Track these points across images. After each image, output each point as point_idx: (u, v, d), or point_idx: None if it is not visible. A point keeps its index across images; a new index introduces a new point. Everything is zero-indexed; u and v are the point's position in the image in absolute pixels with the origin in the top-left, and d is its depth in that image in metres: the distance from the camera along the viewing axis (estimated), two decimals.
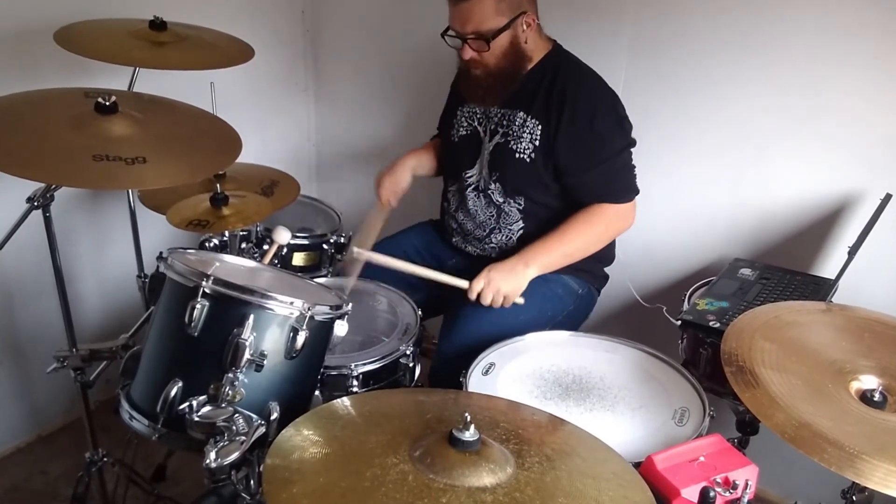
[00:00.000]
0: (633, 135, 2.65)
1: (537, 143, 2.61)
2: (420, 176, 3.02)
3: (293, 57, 4.03)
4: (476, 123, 2.80)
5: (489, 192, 2.75)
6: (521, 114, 2.64)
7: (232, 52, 2.64)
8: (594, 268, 2.87)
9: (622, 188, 2.63)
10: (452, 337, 2.59)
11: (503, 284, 2.52)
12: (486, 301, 2.53)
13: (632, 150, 2.64)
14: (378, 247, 2.97)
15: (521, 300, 2.58)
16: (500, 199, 2.73)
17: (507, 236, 2.77)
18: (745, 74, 2.76)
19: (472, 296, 2.53)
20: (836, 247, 2.70)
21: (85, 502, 2.52)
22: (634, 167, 2.65)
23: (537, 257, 2.59)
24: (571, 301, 2.77)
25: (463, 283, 2.56)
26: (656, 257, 3.16)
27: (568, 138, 2.57)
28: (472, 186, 2.80)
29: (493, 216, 2.77)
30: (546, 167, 2.63)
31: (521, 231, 2.75)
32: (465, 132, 2.84)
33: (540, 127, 2.61)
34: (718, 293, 2.47)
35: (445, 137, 2.99)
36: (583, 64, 2.67)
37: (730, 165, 2.89)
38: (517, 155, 2.65)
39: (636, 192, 2.66)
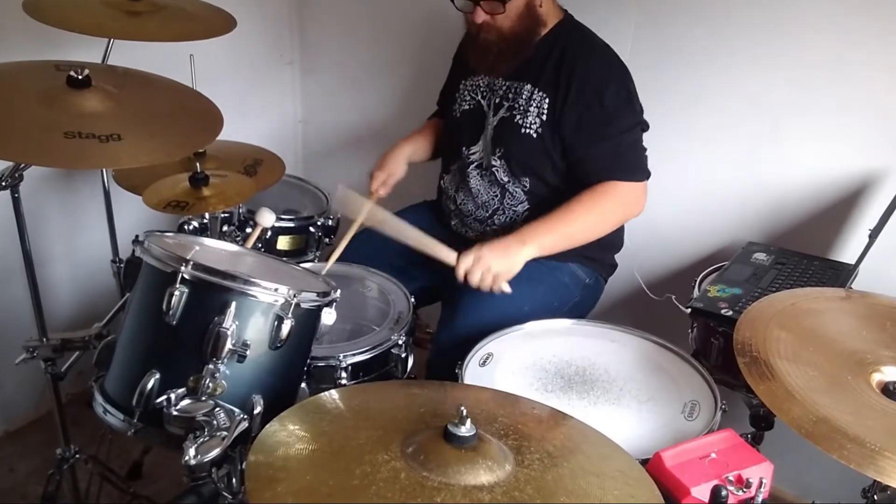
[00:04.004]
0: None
1: (544, 117, 2.61)
2: (417, 162, 3.01)
3: (278, 28, 4.02)
4: (480, 97, 2.79)
5: (493, 169, 2.74)
6: (528, 86, 2.64)
7: (212, 23, 2.62)
8: (603, 255, 2.86)
9: (631, 166, 2.60)
10: (450, 327, 2.58)
11: (494, 263, 2.42)
12: (474, 280, 2.43)
13: (643, 131, 2.63)
14: (367, 231, 2.97)
15: (507, 288, 2.48)
16: (505, 178, 2.72)
17: (510, 218, 2.76)
18: (759, 46, 2.75)
19: (460, 272, 2.45)
20: (857, 230, 2.70)
21: (56, 501, 2.52)
22: (646, 149, 2.63)
23: (536, 236, 2.51)
24: (578, 291, 2.77)
25: (451, 257, 2.49)
26: (664, 241, 3.16)
27: (575, 112, 2.56)
28: (475, 164, 2.79)
29: (496, 196, 2.76)
30: (553, 142, 2.62)
31: (525, 213, 2.74)
32: (467, 106, 2.83)
33: (547, 100, 2.60)
34: (731, 279, 2.47)
35: (447, 113, 2.98)
36: (596, 37, 2.66)
37: (742, 143, 2.89)
38: (523, 130, 2.64)
39: (647, 174, 2.63)
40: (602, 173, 2.57)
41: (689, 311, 2.36)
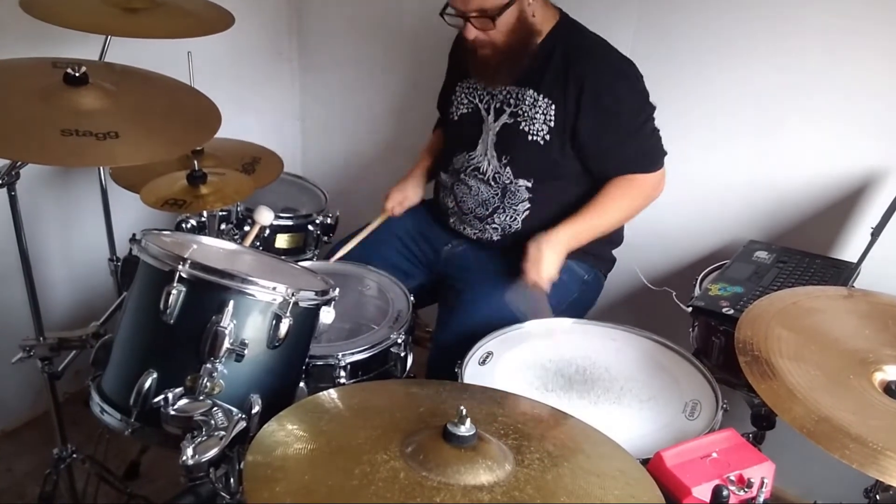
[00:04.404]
0: None
1: (552, 124, 2.60)
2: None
3: (277, 24, 4.01)
4: (477, 101, 2.78)
5: (496, 174, 2.73)
6: (532, 92, 2.63)
7: (210, 20, 2.62)
8: (602, 251, 2.86)
9: (652, 157, 2.66)
10: (450, 326, 2.58)
11: (550, 267, 2.54)
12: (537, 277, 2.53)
13: (654, 115, 2.65)
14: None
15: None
16: (507, 180, 2.72)
17: (511, 217, 2.75)
18: (760, 42, 2.75)
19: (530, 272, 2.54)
20: (859, 228, 2.70)
21: (53, 501, 2.52)
22: (658, 130, 2.66)
23: (576, 241, 2.62)
24: (577, 288, 2.77)
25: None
26: (665, 239, 3.15)
27: (593, 117, 2.56)
28: (474, 167, 2.78)
29: (496, 195, 2.75)
30: (563, 148, 2.62)
31: (526, 212, 2.72)
32: (465, 110, 2.82)
33: (554, 107, 2.59)
34: (732, 277, 2.47)
35: (444, 116, 2.98)
36: (595, 36, 2.65)
37: (744, 141, 2.88)
38: (530, 137, 2.63)
39: (665, 155, 2.67)
40: (629, 169, 2.63)
41: (690, 309, 2.36)
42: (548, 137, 2.62)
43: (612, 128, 2.58)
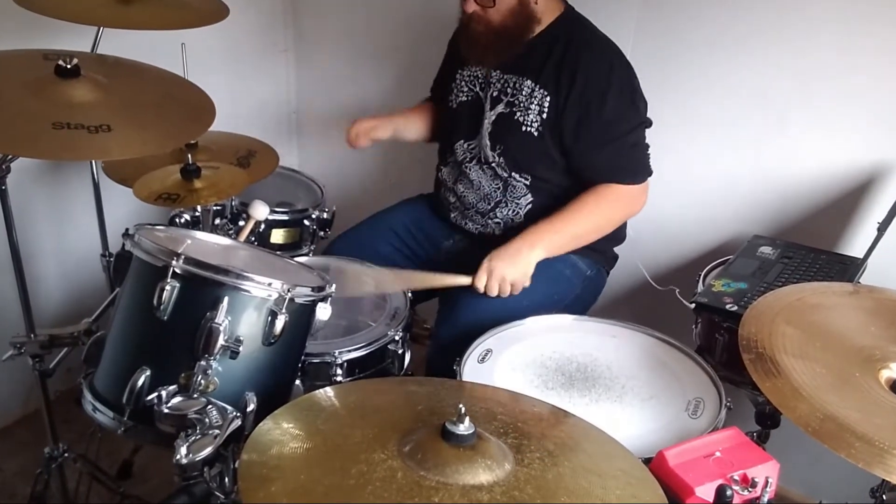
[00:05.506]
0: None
1: (545, 115, 2.59)
2: (405, 140, 3.01)
3: (272, 15, 4.01)
4: (478, 89, 2.78)
5: (493, 164, 2.73)
6: (529, 82, 2.62)
7: (204, 10, 2.61)
8: (605, 247, 2.85)
9: (634, 169, 2.63)
10: (450, 323, 2.58)
11: (508, 272, 2.49)
12: (494, 293, 2.50)
13: (646, 129, 2.63)
14: (363, 225, 2.96)
15: (526, 282, 2.54)
16: (506, 174, 2.71)
17: (513, 210, 2.75)
18: (765, 34, 2.74)
19: (480, 289, 2.50)
20: (865, 223, 2.70)
21: (44, 501, 2.52)
22: (648, 146, 2.64)
23: (543, 239, 2.55)
24: (579, 283, 2.76)
25: (465, 280, 2.53)
26: (668, 235, 3.15)
27: (575, 114, 2.55)
28: (474, 157, 2.78)
29: (499, 188, 2.74)
30: (554, 141, 2.61)
31: (529, 206, 2.72)
32: (465, 98, 2.82)
33: (549, 98, 2.59)
34: (736, 273, 2.47)
35: (442, 103, 2.97)
36: (597, 32, 2.64)
37: (748, 134, 2.88)
38: (524, 128, 2.63)
39: (649, 173, 2.65)
40: (605, 176, 2.60)
41: (693, 306, 2.36)
42: (541, 129, 2.61)
43: (594, 128, 2.57)
